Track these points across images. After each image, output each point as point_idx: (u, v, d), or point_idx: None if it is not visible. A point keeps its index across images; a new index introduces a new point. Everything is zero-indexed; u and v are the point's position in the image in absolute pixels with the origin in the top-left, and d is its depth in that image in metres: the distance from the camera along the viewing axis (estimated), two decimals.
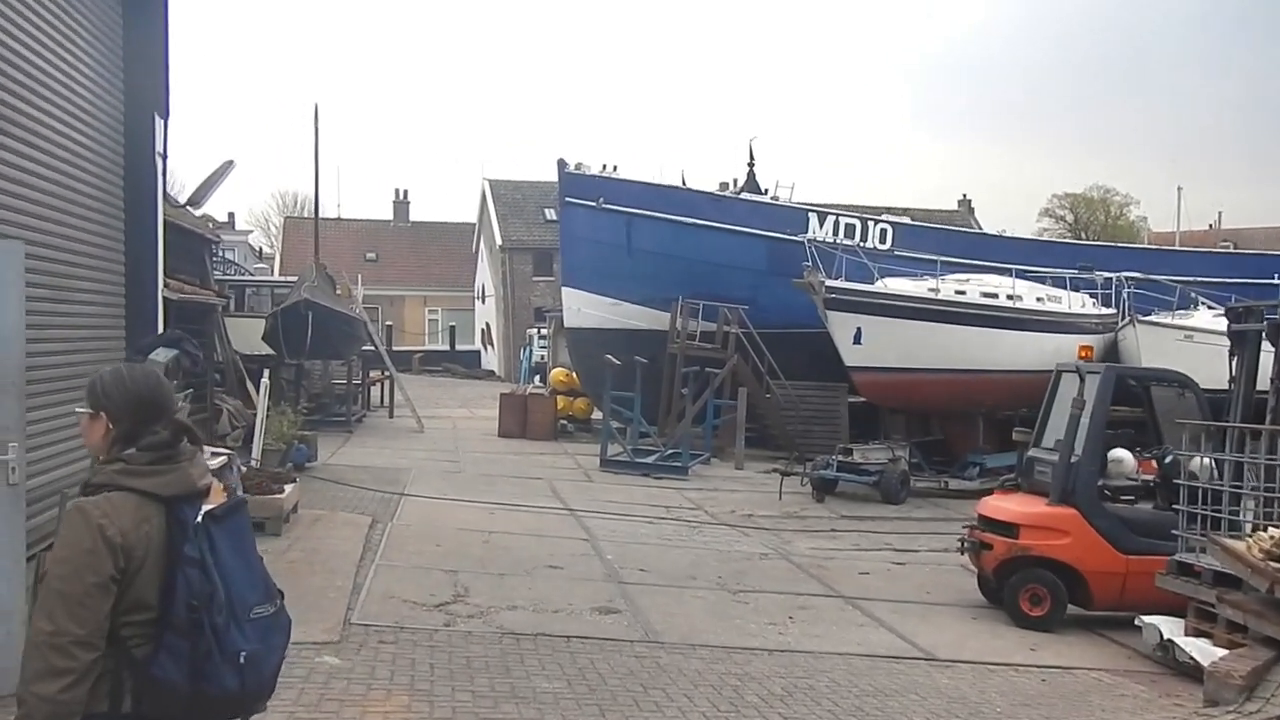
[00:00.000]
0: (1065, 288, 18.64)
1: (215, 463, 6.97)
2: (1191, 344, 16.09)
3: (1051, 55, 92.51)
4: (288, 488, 10.65)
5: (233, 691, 2.57)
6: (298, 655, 6.51)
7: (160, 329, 11.38)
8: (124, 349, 10.92)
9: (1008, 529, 9.24)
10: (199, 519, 2.62)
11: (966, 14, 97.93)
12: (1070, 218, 59.57)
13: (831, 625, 8.78)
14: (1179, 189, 37.96)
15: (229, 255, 44.30)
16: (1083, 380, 9.48)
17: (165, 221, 19.45)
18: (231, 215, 65.67)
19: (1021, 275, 17.91)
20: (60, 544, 2.53)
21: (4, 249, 5.52)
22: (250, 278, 32.71)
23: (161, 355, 6.62)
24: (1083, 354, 10.63)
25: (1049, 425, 9.88)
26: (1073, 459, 9.14)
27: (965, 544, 9.64)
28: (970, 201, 45.84)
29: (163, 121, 11.30)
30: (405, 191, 55.24)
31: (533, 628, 7.73)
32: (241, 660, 2.57)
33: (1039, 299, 17.98)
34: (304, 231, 46.16)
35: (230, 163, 12.24)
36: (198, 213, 14.02)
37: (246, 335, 21.93)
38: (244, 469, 7.76)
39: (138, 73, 10.84)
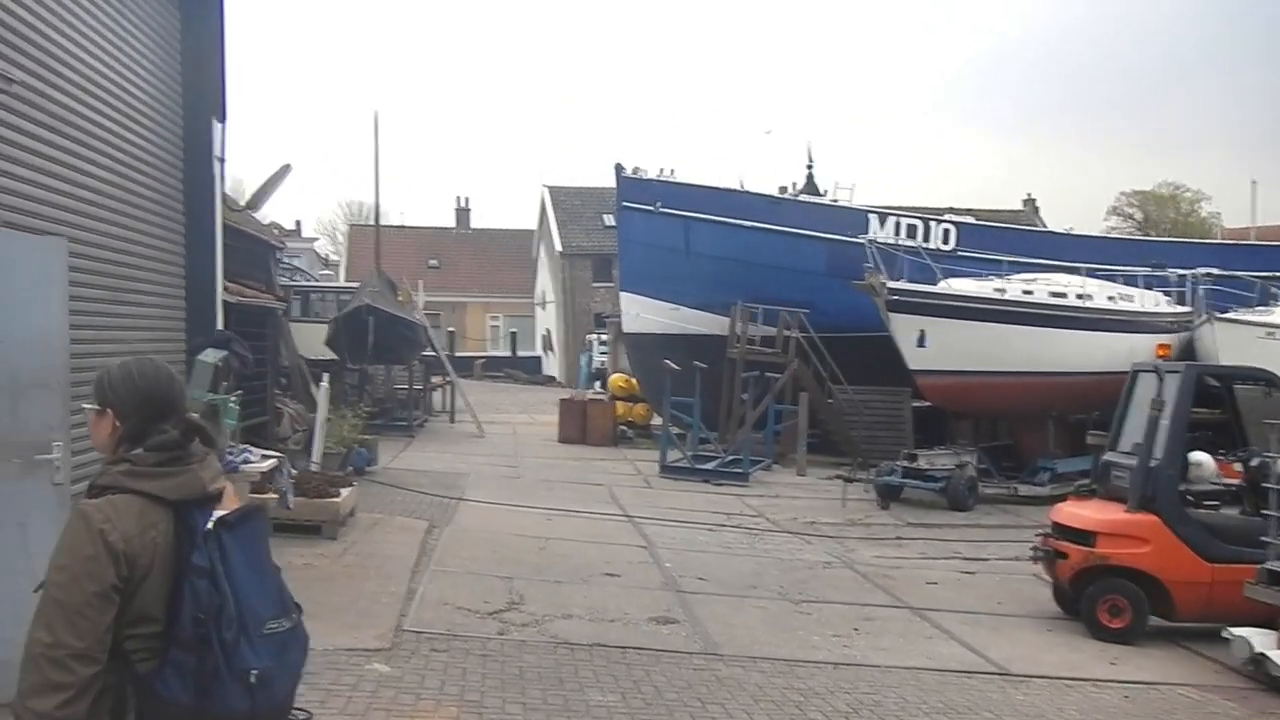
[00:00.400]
0: (1137, 286, 17.92)
1: (266, 465, 6.93)
2: (1274, 341, 15.34)
3: (1107, 53, 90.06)
4: (344, 491, 10.62)
5: (242, 713, 2.39)
6: (348, 662, 6.43)
7: (218, 329, 11.50)
8: (183, 350, 11.04)
9: (1084, 537, 8.81)
10: (209, 526, 2.45)
11: (1017, 13, 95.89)
12: (1139, 215, 57.72)
13: (898, 637, 8.44)
14: (1253, 183, 36.61)
15: (296, 262, 45.19)
16: (1161, 380, 9.01)
17: (231, 227, 19.92)
18: (299, 223, 66.88)
19: (1091, 274, 17.27)
20: (60, 550, 2.38)
21: (48, 245, 5.50)
22: (314, 283, 33.08)
23: (210, 356, 6.58)
24: (1160, 353, 10.13)
25: (1125, 428, 9.41)
26: (1152, 463, 8.69)
27: (1038, 552, 9.22)
28: (1035, 201, 44.67)
29: (220, 125, 11.41)
30: (467, 199, 55.82)
31: (588, 637, 7.55)
32: (252, 679, 2.38)
33: (1110, 298, 17.30)
34: (368, 239, 46.64)
35: (288, 166, 12.37)
36: (258, 215, 14.14)
37: (311, 340, 22.23)
38: (295, 472, 7.72)
39: (195, 77, 10.96)
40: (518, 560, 10.01)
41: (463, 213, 55.36)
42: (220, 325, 11.44)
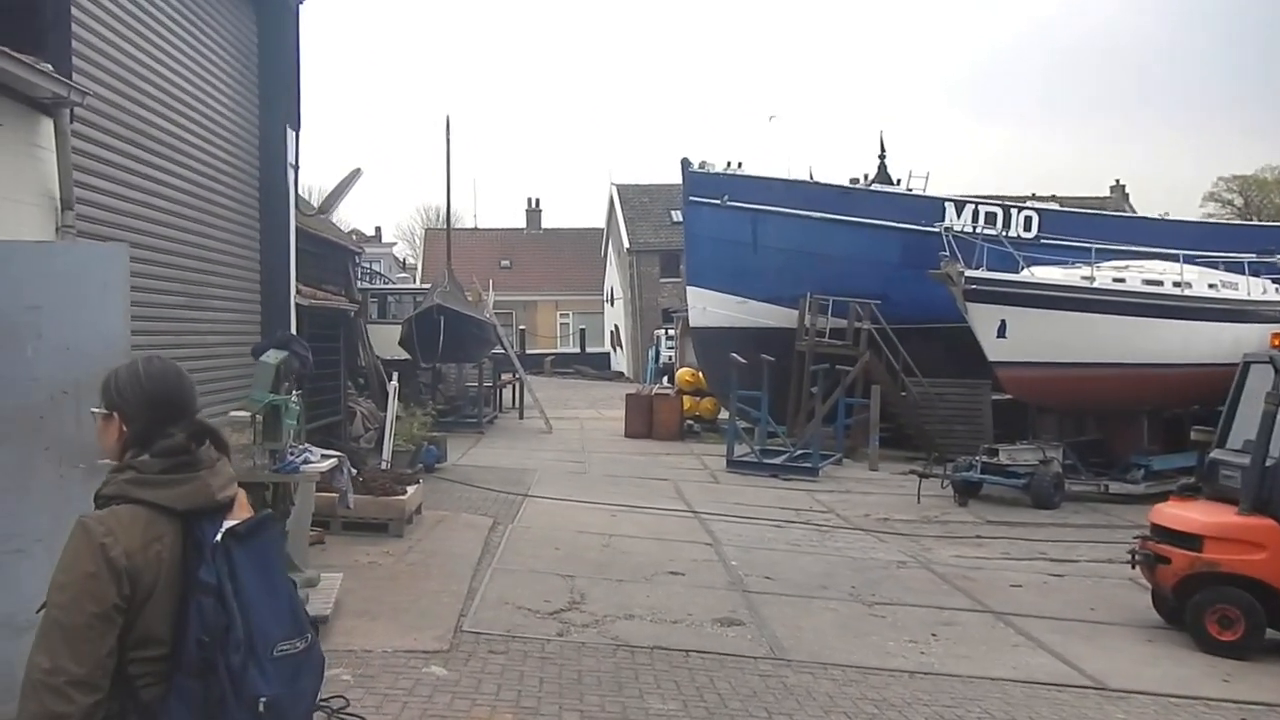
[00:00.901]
0: (1243, 273, 16.91)
1: (325, 465, 6.81)
2: None
3: (1202, 40, 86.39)
4: (410, 489, 10.54)
5: None
6: (406, 665, 6.27)
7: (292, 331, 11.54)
8: None
9: (1189, 541, 8.21)
10: (218, 538, 2.24)
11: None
12: (1239, 201, 55.26)
13: (981, 645, 7.99)
14: None
15: (375, 267, 45.91)
16: (1278, 372, 8.35)
17: (310, 234, 20.24)
18: (378, 229, 68.25)
19: (1189, 261, 16.35)
20: (60, 566, 2.18)
21: (109, 252, 5.45)
22: (390, 286, 33.48)
23: (272, 357, 6.47)
24: (1276, 343, 9.43)
25: (1235, 423, 8.77)
26: (1268, 462, 8.05)
27: (1137, 556, 8.64)
28: (1124, 187, 42.87)
29: (294, 133, 11.47)
30: (537, 200, 56.05)
31: (650, 640, 7.28)
32: (261, 708, 2.15)
33: (1211, 285, 16.35)
34: (444, 241, 47.35)
35: (358, 170, 12.36)
36: (332, 219, 14.17)
37: (388, 341, 22.45)
38: (355, 471, 7.62)
39: (271, 86, 11.05)
40: (580, 558, 9.80)
41: (533, 213, 55.63)
42: (294, 328, 11.53)
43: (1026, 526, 13.75)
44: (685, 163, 22.03)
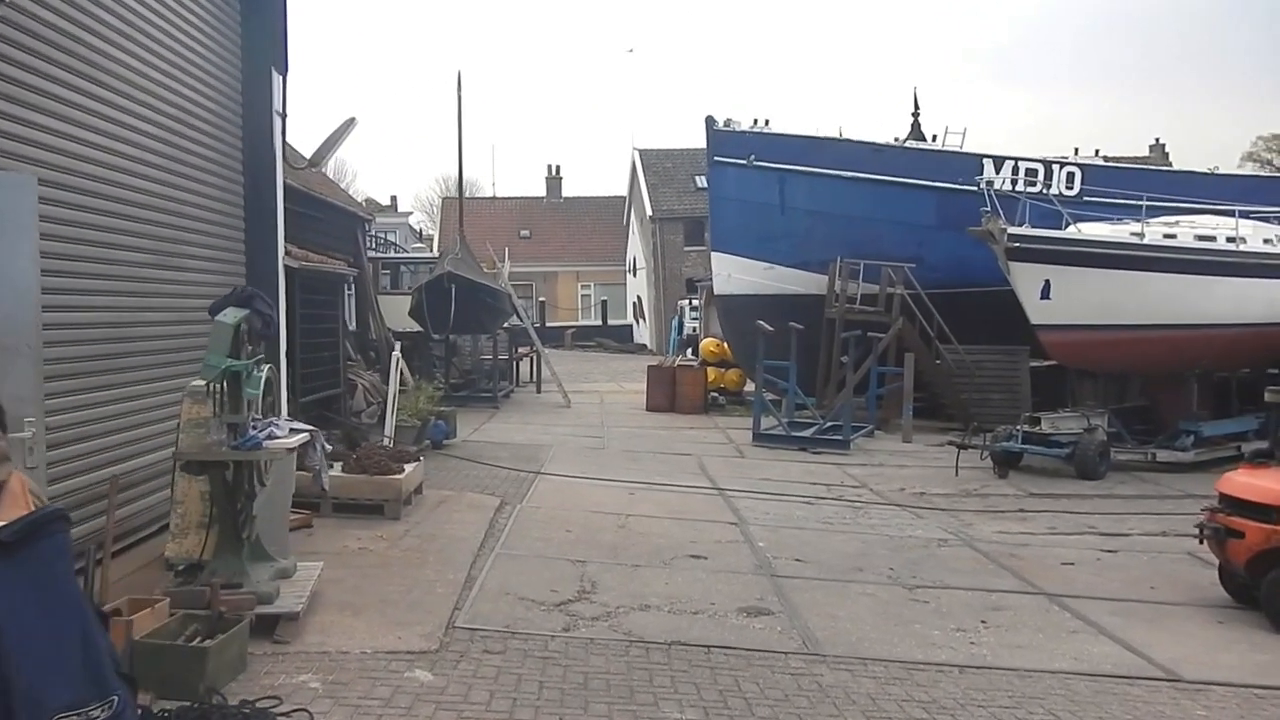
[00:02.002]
0: None
1: (294, 440, 6.04)
2: None
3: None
4: (409, 467, 9.80)
5: None
6: (386, 669, 5.53)
7: (282, 298, 10.80)
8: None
9: (1265, 513, 7.34)
10: None
11: None
12: (1278, 161, 53.42)
13: (1036, 632, 7.16)
14: None
15: (391, 237, 45.25)
16: None
17: (315, 197, 19.60)
18: (394, 198, 67.68)
19: (1243, 216, 15.28)
20: None
21: (12, 184, 4.66)
22: (402, 256, 32.78)
23: (230, 316, 5.70)
24: None
25: None
26: None
27: (1205, 530, 7.77)
28: (1164, 145, 41.33)
29: (281, 78, 10.67)
30: (557, 167, 55.04)
31: (667, 634, 6.50)
32: None
33: (1267, 240, 15.28)
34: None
35: (352, 120, 11.50)
36: (342, 186, 13.40)
37: (400, 312, 21.79)
38: (330, 448, 6.88)
39: (254, 25, 10.22)
40: (593, 541, 9.03)
41: (553, 181, 54.68)
42: (283, 292, 10.79)
43: (1071, 499, 12.90)
44: (710, 121, 21.07)
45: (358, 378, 14.02)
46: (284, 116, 10.54)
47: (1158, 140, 42.35)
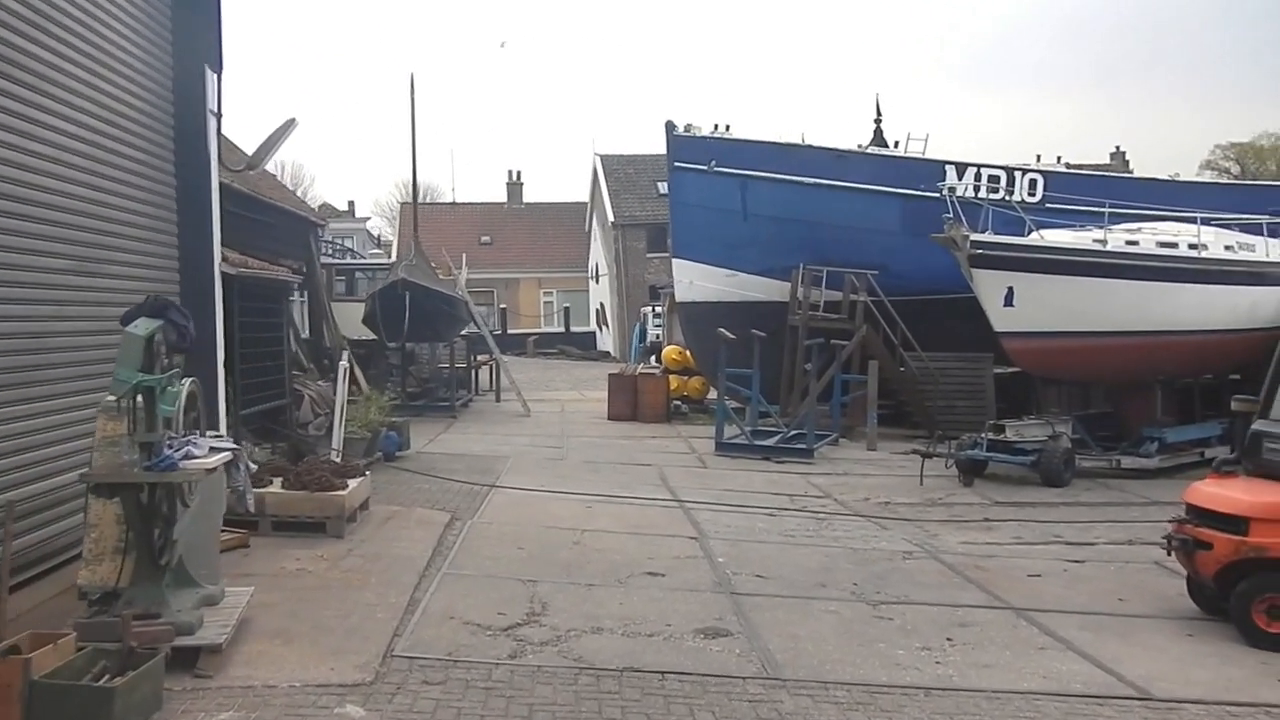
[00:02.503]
0: (1260, 234, 15.85)
1: (215, 460, 5.62)
2: None
3: (1201, 8, 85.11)
4: (353, 482, 9.37)
5: None
6: (314, 705, 5.14)
7: (219, 306, 10.35)
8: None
9: (1233, 523, 7.16)
10: None
11: None
12: (1236, 169, 54.27)
13: (1004, 650, 6.89)
14: None
15: (348, 243, 44.55)
16: None
17: (266, 203, 19.04)
18: (351, 204, 66.90)
19: (1204, 223, 15.26)
20: None
21: None
22: (357, 262, 32.19)
23: (141, 328, 5.27)
24: None
25: None
26: None
27: (1173, 541, 7.57)
28: (1124, 154, 41.71)
29: (215, 75, 10.22)
30: (519, 173, 54.67)
31: (620, 659, 6.14)
32: None
33: (1228, 247, 15.26)
34: (420, 216, 46.12)
35: (292, 120, 11.07)
36: (295, 190, 12.94)
37: (357, 320, 21.27)
38: (255, 466, 6.46)
39: (186, 19, 9.78)
40: (547, 558, 8.66)
41: (515, 187, 54.26)
42: (220, 299, 10.33)
43: (1037, 507, 12.75)
44: (670, 125, 20.79)
45: (304, 388, 13.53)
46: (219, 116, 10.09)
47: (1118, 148, 42.79)
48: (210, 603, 5.90)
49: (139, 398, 5.28)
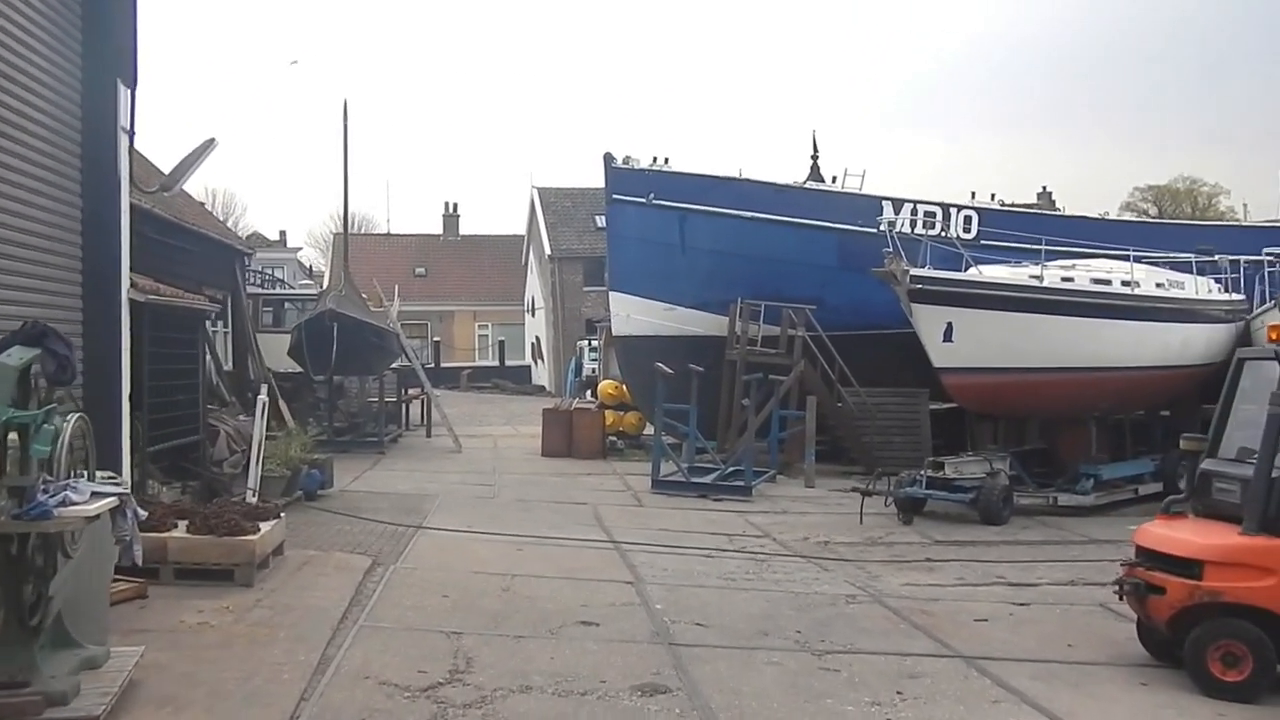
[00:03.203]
0: (1190, 272, 16.10)
1: (96, 506, 5.02)
2: None
3: (1113, 51, 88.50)
4: (266, 525, 8.73)
5: None
6: None
7: (126, 336, 9.68)
8: (81, 359, 9.21)
9: (1186, 567, 6.94)
10: None
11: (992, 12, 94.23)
12: (1153, 210, 56.10)
13: (956, 704, 6.54)
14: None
15: (278, 273, 43.40)
16: None
17: (190, 230, 18.25)
18: (283, 233, 65.45)
19: (1136, 260, 15.44)
20: None
21: None
22: (286, 292, 31.26)
23: (13, 357, 4.70)
24: (1275, 336, 8.27)
25: (1229, 429, 7.54)
26: (1275, 473, 6.82)
27: (1125, 585, 7.34)
28: (1051, 194, 42.77)
29: (129, 91, 9.61)
30: (455, 205, 54.04)
31: None
32: None
33: (1159, 284, 15.44)
34: (354, 247, 45.20)
35: (211, 141, 10.50)
36: (167, 195, 12.29)
37: (284, 352, 20.51)
38: (144, 513, 5.86)
39: (97, 34, 9.18)
40: (473, 606, 8.12)
41: (451, 219, 53.63)
42: (126, 328, 9.65)
43: (977, 545, 12.57)
44: (608, 158, 20.54)
45: (220, 423, 12.80)
46: (132, 133, 9.48)
47: (1045, 188, 43.86)
48: (92, 666, 5.28)
49: (10, 436, 4.69)
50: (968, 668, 7.37)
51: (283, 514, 9.52)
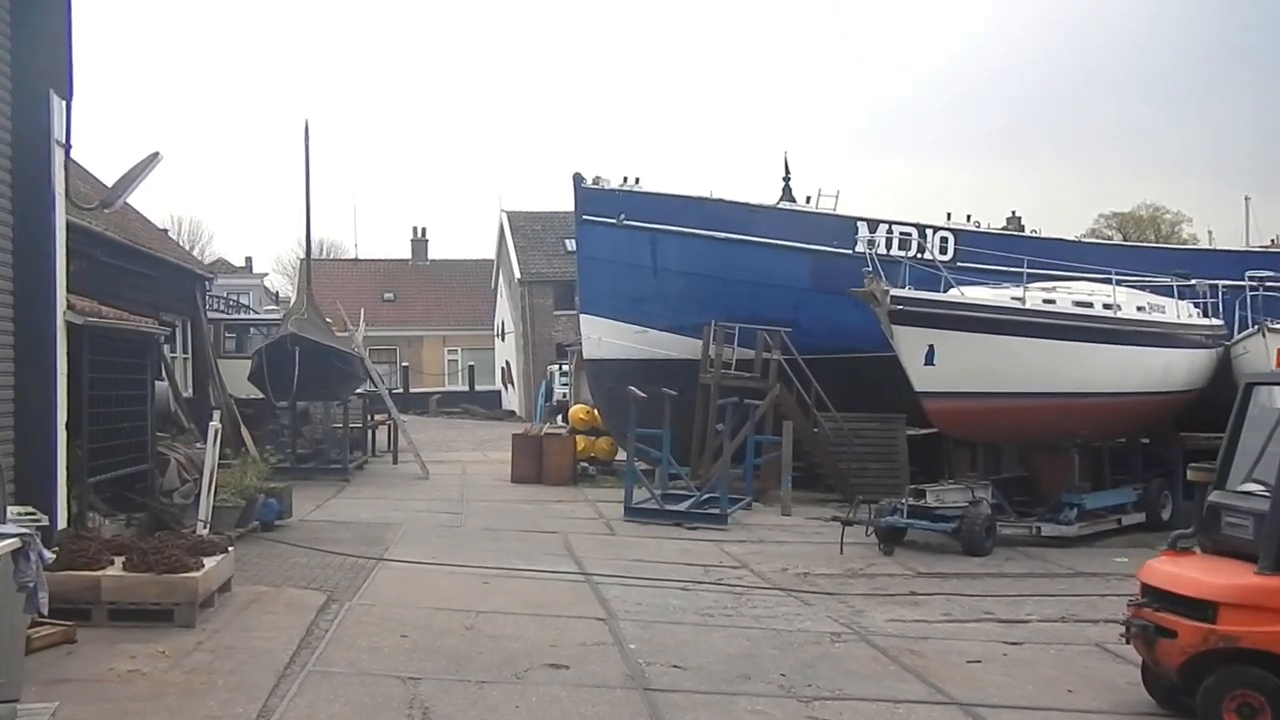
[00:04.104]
0: (1171, 295, 15.88)
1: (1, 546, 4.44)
2: None
3: (1080, 78, 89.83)
4: (211, 561, 8.12)
5: None
6: None
7: (61, 360, 9.07)
8: (11, 385, 8.61)
9: (1200, 609, 6.48)
10: None
11: (965, 31, 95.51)
12: (1118, 237, 56.60)
13: None
14: (1246, 199, 34.96)
15: (243, 299, 42.55)
16: None
17: (147, 254, 17.60)
18: (249, 259, 64.49)
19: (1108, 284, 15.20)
20: None
21: None
22: (250, 317, 30.51)
23: None
24: None
25: (1236, 458, 7.14)
26: None
27: (1133, 628, 6.88)
28: (1020, 219, 42.75)
29: (64, 102, 9.08)
30: (424, 229, 53.43)
31: None
32: None
33: (1140, 308, 15.18)
34: (321, 273, 44.49)
35: (156, 155, 9.99)
36: (108, 211, 11.70)
37: (244, 377, 19.86)
38: (51, 555, 5.28)
39: (27, 41, 8.66)
40: (433, 647, 7.54)
41: (419, 244, 53.02)
42: (60, 353, 9.04)
43: (961, 578, 12.13)
44: (578, 178, 20.13)
45: (170, 451, 12.14)
46: (67, 147, 8.94)
47: (1014, 213, 43.85)
48: None
49: None
50: (964, 716, 6.90)
51: (232, 547, 8.91)
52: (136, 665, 6.55)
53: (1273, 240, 29.31)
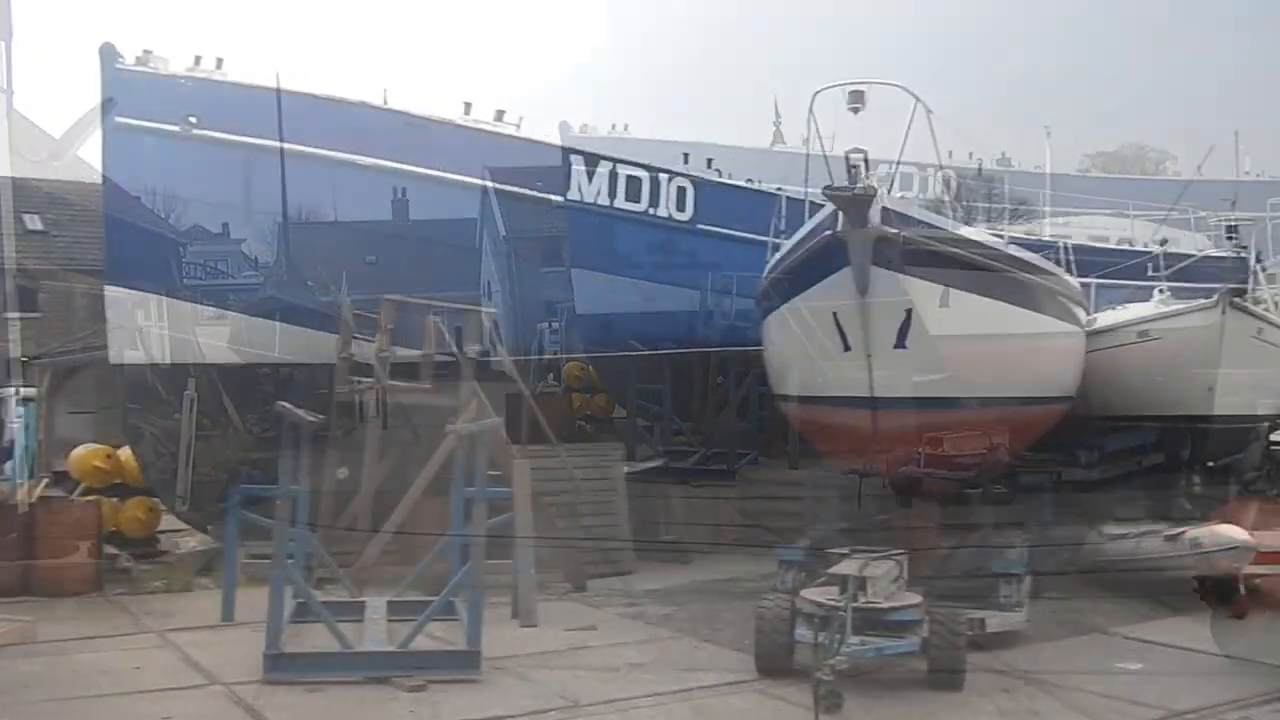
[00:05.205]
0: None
1: None
2: None
3: (1057, 22, 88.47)
4: None
5: None
6: None
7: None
8: None
9: None
10: None
11: None
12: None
13: None
14: (1235, 133, 33.59)
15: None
16: None
17: (113, 218, 16.64)
18: (225, 226, 63.02)
19: None
20: None
21: None
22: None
23: None
24: None
25: None
26: None
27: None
28: (1010, 159, 42.07)
29: (3, 43, 8.25)
30: (403, 190, 52.08)
31: None
32: None
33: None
34: None
35: (110, 101, 9.13)
36: (59, 164, 10.93)
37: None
38: None
39: None
40: None
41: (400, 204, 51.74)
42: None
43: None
44: (564, 126, 19.20)
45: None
46: (9, 93, 8.11)
47: (1003, 154, 43.22)
48: None
49: None
50: None
51: None
52: None
53: None
